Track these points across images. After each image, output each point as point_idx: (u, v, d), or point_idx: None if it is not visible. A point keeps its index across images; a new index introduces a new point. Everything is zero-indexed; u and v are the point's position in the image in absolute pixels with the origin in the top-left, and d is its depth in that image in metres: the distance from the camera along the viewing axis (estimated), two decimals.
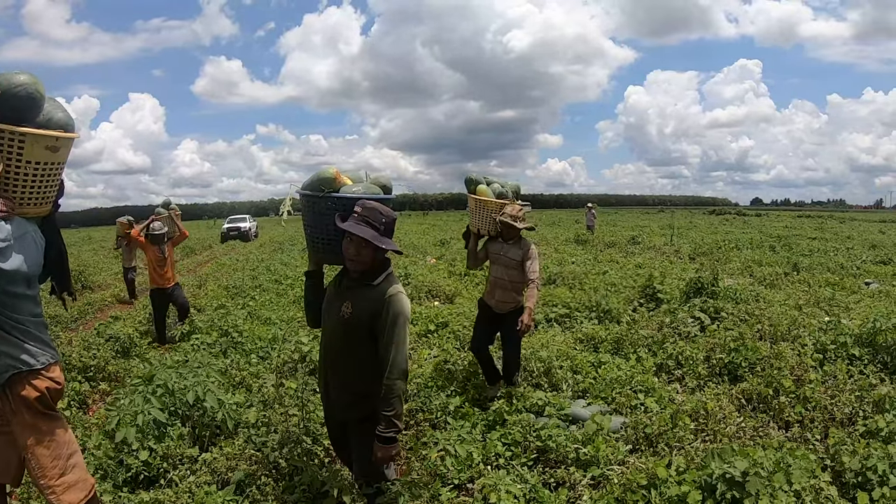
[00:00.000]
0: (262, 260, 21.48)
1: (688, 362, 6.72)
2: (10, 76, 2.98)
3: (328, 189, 3.72)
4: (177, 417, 5.11)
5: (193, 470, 4.55)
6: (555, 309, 9.64)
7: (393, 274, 3.51)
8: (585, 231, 29.40)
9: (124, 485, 4.40)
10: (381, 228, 3.38)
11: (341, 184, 3.75)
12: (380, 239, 3.35)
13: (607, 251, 21.02)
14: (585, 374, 6.39)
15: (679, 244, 23.40)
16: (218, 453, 4.68)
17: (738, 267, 15.42)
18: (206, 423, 5.12)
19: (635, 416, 5.22)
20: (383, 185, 3.89)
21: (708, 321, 8.25)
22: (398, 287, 3.43)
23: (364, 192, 3.68)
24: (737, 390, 5.94)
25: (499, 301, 6.02)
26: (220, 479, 4.45)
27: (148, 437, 4.72)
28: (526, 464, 4.52)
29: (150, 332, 9.61)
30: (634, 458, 4.52)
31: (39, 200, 3.24)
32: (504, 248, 5.96)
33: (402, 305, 3.37)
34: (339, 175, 3.77)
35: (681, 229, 34.60)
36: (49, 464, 3.23)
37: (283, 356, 7.02)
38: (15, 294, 3.08)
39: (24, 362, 3.13)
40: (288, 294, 12.72)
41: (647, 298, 10.46)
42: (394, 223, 3.48)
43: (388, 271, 3.50)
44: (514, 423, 5.03)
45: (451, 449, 4.40)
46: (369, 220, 3.37)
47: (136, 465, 4.51)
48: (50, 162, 3.17)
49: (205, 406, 5.15)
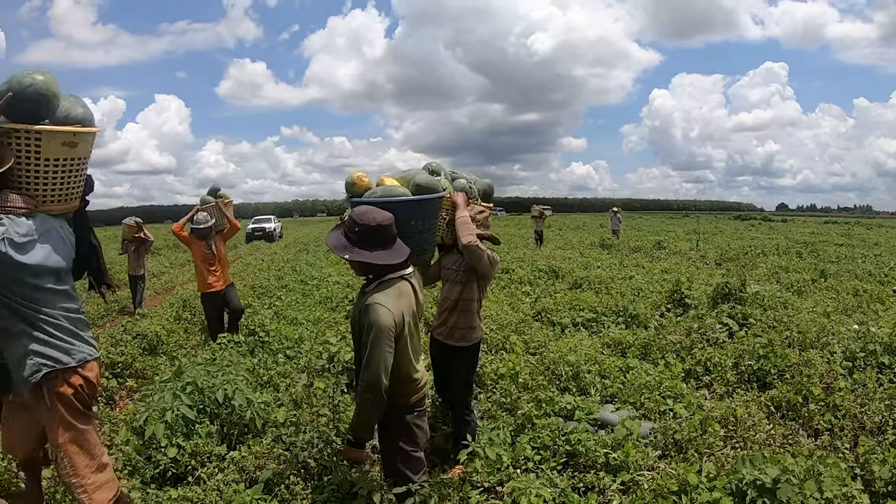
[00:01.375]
0: (288, 260, 21.65)
1: (716, 368, 6.69)
2: (21, 76, 3.02)
3: (350, 194, 3.81)
4: (205, 415, 5.16)
5: (221, 468, 4.58)
6: (582, 313, 9.64)
7: (390, 282, 3.46)
8: (610, 235, 29.27)
9: (152, 481, 4.45)
10: (352, 238, 3.41)
11: (363, 187, 3.79)
12: (347, 249, 3.40)
13: (633, 256, 20.96)
14: (613, 378, 6.37)
15: (705, 249, 23.26)
16: (246, 452, 4.70)
17: (764, 273, 15.31)
18: (235, 422, 5.16)
19: (664, 421, 5.22)
20: (420, 185, 3.83)
21: (736, 327, 8.23)
22: (382, 297, 3.37)
23: (382, 194, 3.67)
24: (766, 397, 5.92)
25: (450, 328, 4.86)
26: (249, 478, 4.47)
27: (177, 434, 4.77)
28: (555, 468, 4.49)
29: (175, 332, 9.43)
30: (664, 464, 4.52)
31: (63, 196, 3.30)
32: (458, 262, 4.78)
33: (375, 315, 3.30)
34: (360, 179, 3.82)
35: (706, 234, 34.36)
36: (82, 462, 3.29)
37: (310, 356, 7.05)
38: (43, 288, 3.12)
39: (56, 360, 3.16)
40: (314, 294, 12.79)
41: (674, 304, 10.45)
42: (377, 229, 3.40)
43: (384, 279, 3.47)
44: (543, 426, 5.00)
45: (480, 451, 4.39)
46: (346, 229, 3.47)
47: (164, 461, 4.56)
48: (69, 157, 3.22)
49: (233, 404, 5.19)
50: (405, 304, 3.46)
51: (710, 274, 14.82)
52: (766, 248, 23.10)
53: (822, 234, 38.88)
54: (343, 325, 8.77)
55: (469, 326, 4.81)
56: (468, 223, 4.43)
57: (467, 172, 5.08)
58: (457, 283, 4.77)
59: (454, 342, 4.80)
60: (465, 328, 4.79)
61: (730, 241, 29.62)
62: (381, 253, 3.41)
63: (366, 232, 3.38)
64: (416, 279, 3.69)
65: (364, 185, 3.81)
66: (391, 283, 3.46)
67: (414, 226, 3.77)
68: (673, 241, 27.73)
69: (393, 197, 3.66)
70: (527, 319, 9.49)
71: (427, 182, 3.88)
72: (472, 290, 4.75)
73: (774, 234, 38.68)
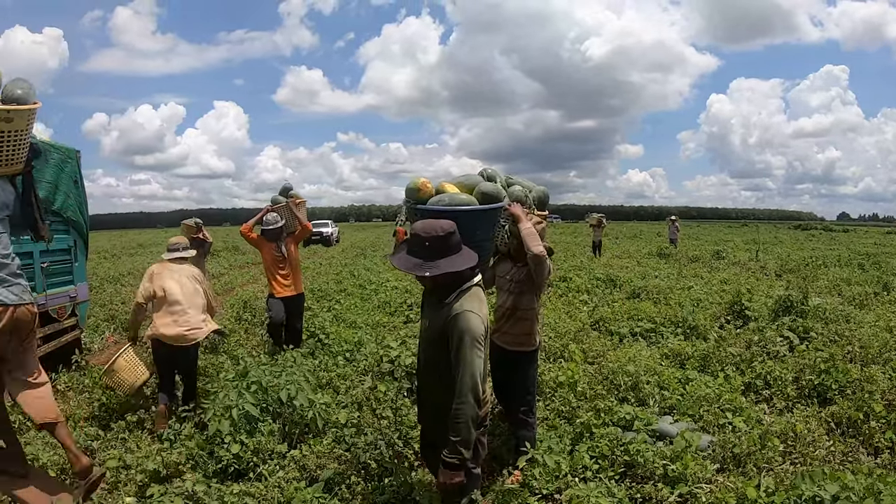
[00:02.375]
0: (346, 265, 21.86)
1: (776, 382, 6.62)
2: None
3: (414, 200, 3.81)
4: (268, 414, 5.26)
5: (282, 465, 4.66)
6: (640, 323, 9.62)
7: (471, 290, 3.40)
8: (668, 245, 28.93)
9: (214, 475, 4.58)
10: (424, 253, 3.31)
11: (427, 194, 3.80)
12: (423, 266, 3.29)
13: (691, 266, 20.66)
14: (672, 390, 6.37)
15: (765, 260, 22.83)
16: (307, 451, 4.81)
17: (825, 285, 14.93)
18: (296, 421, 5.25)
19: (723, 434, 5.21)
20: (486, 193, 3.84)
21: (797, 341, 8.10)
22: (468, 304, 3.30)
23: (449, 202, 3.68)
24: (826, 413, 5.86)
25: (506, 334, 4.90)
26: (309, 476, 4.55)
27: (240, 431, 4.90)
28: (613, 478, 4.53)
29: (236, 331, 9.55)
30: (723, 478, 4.53)
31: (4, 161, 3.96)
32: (513, 271, 4.88)
33: (466, 323, 3.23)
34: (425, 186, 3.82)
35: (766, 244, 33.69)
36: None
37: (370, 359, 7.15)
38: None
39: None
40: (372, 299, 12.97)
41: (734, 315, 10.30)
42: (447, 238, 3.31)
43: (464, 287, 3.38)
44: (602, 436, 5.04)
45: (539, 458, 4.42)
46: (412, 247, 3.38)
47: (227, 457, 4.68)
48: (7, 130, 3.83)
49: (295, 404, 5.27)
50: (485, 311, 3.39)
51: (771, 285, 14.57)
52: (827, 259, 22.59)
53: (884, 244, 37.66)
54: (402, 330, 8.87)
55: (526, 333, 4.84)
56: (534, 233, 4.37)
57: (521, 178, 4.97)
58: (510, 293, 4.82)
59: (514, 347, 4.84)
60: (522, 334, 4.83)
61: (790, 251, 28.99)
62: (454, 259, 3.33)
63: (436, 243, 3.30)
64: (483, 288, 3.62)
65: (428, 191, 3.81)
66: (471, 290, 3.40)
67: (478, 235, 3.77)
68: (732, 250, 27.32)
69: (460, 205, 3.68)
70: (585, 328, 9.49)
71: (492, 190, 3.89)
72: (527, 299, 4.78)
73: (835, 244, 37.69)
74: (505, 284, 4.88)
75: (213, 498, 3.98)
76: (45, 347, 7.09)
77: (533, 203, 4.82)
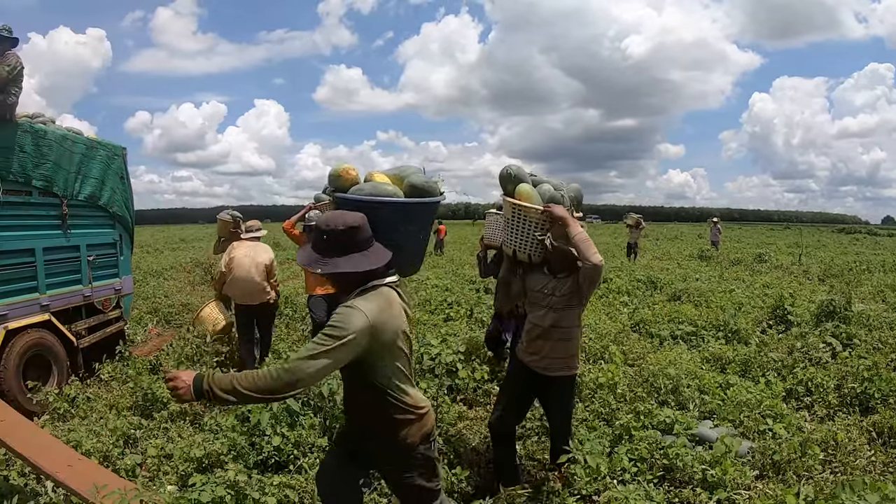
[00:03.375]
0: None
1: (818, 389, 6.57)
2: None
3: (334, 187, 3.43)
4: (309, 407, 5.36)
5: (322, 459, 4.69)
6: (681, 326, 9.60)
7: (378, 289, 3.00)
8: (709, 247, 28.69)
9: (255, 466, 4.67)
10: (322, 248, 3.00)
11: (349, 181, 3.39)
12: (319, 262, 2.98)
13: (733, 268, 20.46)
14: (713, 394, 6.35)
15: (808, 264, 22.48)
16: None
17: (869, 291, 14.65)
18: (337, 416, 5.25)
19: (763, 441, 5.21)
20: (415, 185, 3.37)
21: (840, 347, 8.03)
22: (362, 301, 2.89)
23: (370, 192, 3.26)
24: (868, 422, 5.79)
25: (544, 357, 4.40)
26: None
27: (281, 424, 4.99)
28: (651, 481, 4.51)
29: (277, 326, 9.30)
30: (762, 484, 4.53)
31: None
32: (551, 284, 4.32)
33: (346, 315, 2.81)
34: (347, 172, 3.40)
35: (809, 248, 33.10)
36: None
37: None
38: None
39: None
40: (412, 297, 12.86)
41: (776, 320, 10.21)
42: (348, 233, 2.95)
43: (367, 286, 2.99)
44: (641, 438, 5.06)
45: (580, 459, 4.42)
46: (314, 240, 3.05)
47: (268, 449, 4.78)
48: None
49: (335, 399, 5.29)
50: (392, 315, 2.99)
51: (814, 290, 14.39)
52: (871, 264, 22.13)
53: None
54: (443, 328, 8.88)
55: (570, 355, 4.37)
56: (588, 239, 3.95)
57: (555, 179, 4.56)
58: (551, 310, 4.27)
59: (553, 373, 4.36)
60: (565, 357, 4.36)
61: (833, 255, 28.50)
62: (356, 257, 2.97)
63: (335, 238, 2.97)
64: (403, 290, 3.23)
65: (350, 178, 3.40)
66: (377, 290, 3.00)
67: (403, 232, 3.29)
68: (774, 254, 26.96)
69: (380, 196, 3.24)
70: (625, 330, 9.47)
71: (422, 184, 3.40)
72: (572, 316, 4.29)
73: (880, 249, 36.78)
74: (542, 299, 4.32)
75: (254, 488, 4.03)
76: (90, 338, 7.30)
77: (571, 204, 4.48)
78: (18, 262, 6.26)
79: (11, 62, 5.84)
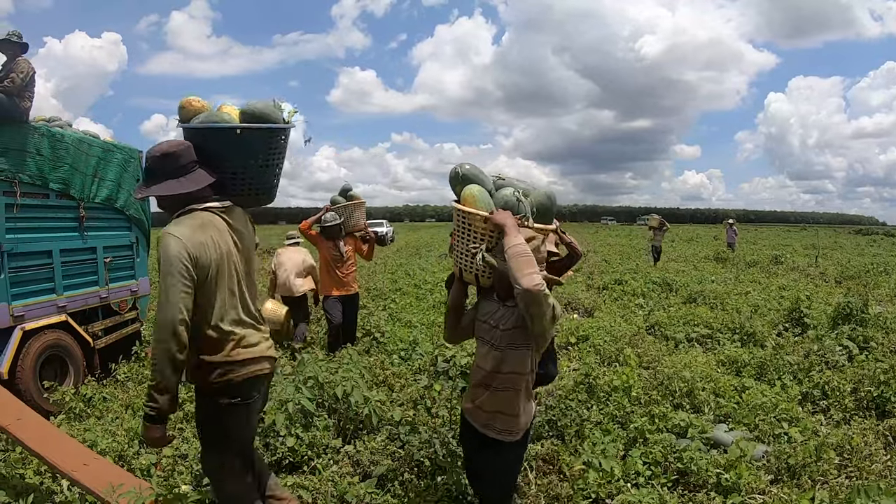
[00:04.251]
0: (401, 264, 21.98)
1: (834, 393, 6.50)
2: None
3: (179, 118, 3.43)
4: (324, 409, 5.36)
5: (336, 460, 4.76)
6: (696, 328, 9.59)
7: (193, 213, 3.09)
8: (725, 248, 28.53)
9: (269, 467, 4.63)
10: (146, 175, 3.15)
11: (192, 112, 3.38)
12: (140, 189, 3.18)
13: (749, 270, 20.31)
14: (728, 398, 6.31)
15: (824, 266, 22.35)
16: (361, 447, 4.89)
17: (887, 293, 14.55)
18: (351, 417, 5.33)
19: (778, 445, 5.18)
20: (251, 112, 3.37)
21: (856, 350, 7.96)
22: (173, 226, 2.99)
23: (204, 120, 3.30)
24: (884, 426, 5.73)
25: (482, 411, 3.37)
26: (363, 472, 4.63)
27: (295, 425, 4.97)
28: (665, 484, 4.52)
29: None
30: (777, 489, 4.49)
31: None
32: (498, 314, 3.32)
33: (162, 248, 2.89)
34: (189, 103, 3.40)
35: (825, 250, 32.86)
36: None
37: (426, 359, 7.22)
38: None
39: None
40: (427, 299, 13.07)
41: (792, 323, 10.16)
42: (163, 159, 3.07)
43: (185, 210, 3.09)
44: (655, 442, 5.05)
45: (595, 462, 4.41)
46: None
47: (282, 450, 4.78)
48: None
49: (350, 400, 5.30)
50: (208, 236, 3.02)
51: (830, 292, 14.31)
52: (888, 266, 21.91)
53: None
54: None
55: (512, 414, 3.29)
56: (525, 254, 2.96)
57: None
58: (492, 348, 3.28)
59: (492, 434, 3.33)
60: (507, 414, 3.29)
61: (850, 257, 28.31)
62: (171, 183, 3.06)
63: (152, 165, 3.10)
64: (236, 215, 3.28)
65: (194, 109, 3.38)
66: (193, 213, 3.08)
67: (237, 160, 3.33)
68: (790, 255, 26.78)
69: (211, 123, 3.28)
70: (640, 332, 9.48)
71: (259, 110, 3.37)
72: (517, 360, 3.21)
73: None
74: (486, 332, 3.35)
75: None
76: (106, 339, 7.34)
77: (529, 211, 3.42)
78: (36, 263, 6.31)
79: (24, 68, 5.89)
